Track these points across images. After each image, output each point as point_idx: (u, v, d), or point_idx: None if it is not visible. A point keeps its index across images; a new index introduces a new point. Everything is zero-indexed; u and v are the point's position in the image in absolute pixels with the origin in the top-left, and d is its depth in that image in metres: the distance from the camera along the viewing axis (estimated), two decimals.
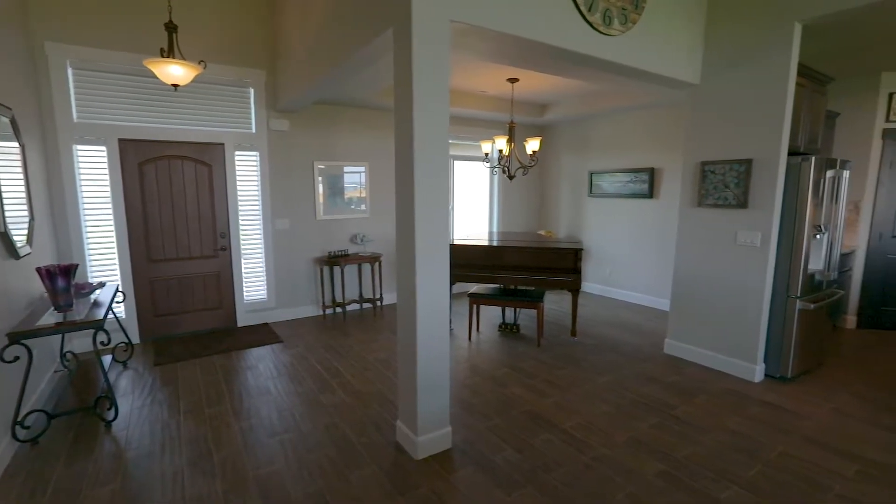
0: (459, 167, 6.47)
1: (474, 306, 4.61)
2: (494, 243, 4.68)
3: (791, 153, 3.43)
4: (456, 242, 4.68)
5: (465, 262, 4.56)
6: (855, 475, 2.39)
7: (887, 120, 4.44)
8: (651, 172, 5.58)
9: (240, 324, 4.87)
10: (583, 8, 2.80)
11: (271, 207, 4.91)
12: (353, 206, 5.49)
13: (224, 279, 4.75)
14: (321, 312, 5.35)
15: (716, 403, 3.16)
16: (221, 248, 4.70)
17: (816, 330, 3.59)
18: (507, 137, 4.73)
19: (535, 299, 4.21)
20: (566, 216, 6.83)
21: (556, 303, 5.93)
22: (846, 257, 4.50)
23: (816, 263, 3.45)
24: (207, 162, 4.52)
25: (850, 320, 4.81)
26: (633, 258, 5.91)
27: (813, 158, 3.23)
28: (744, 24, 3.36)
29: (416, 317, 2.37)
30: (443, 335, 2.49)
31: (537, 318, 4.26)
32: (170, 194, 4.39)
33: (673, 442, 2.69)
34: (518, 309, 5.00)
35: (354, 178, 5.47)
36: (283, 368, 3.78)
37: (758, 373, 3.50)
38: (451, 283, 4.66)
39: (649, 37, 3.21)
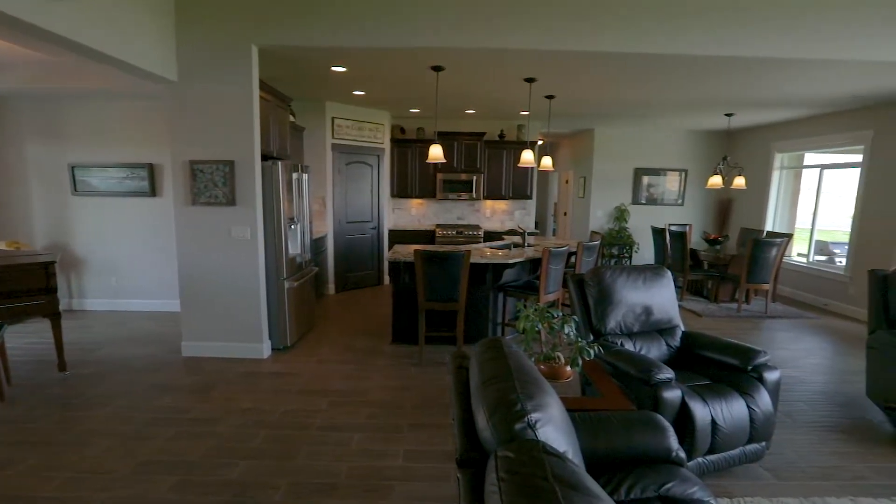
0: None
1: None
2: None
3: (265, 157, 3.99)
4: None
5: None
6: (328, 406, 3.15)
7: (333, 137, 5.97)
8: (150, 168, 5.16)
9: None
10: None
11: None
12: None
13: None
14: None
15: (232, 390, 3.36)
16: None
17: (304, 302, 4.45)
18: None
19: None
20: (43, 222, 5.33)
21: (39, 333, 4.57)
22: (320, 241, 5.78)
23: (295, 249, 4.24)
24: None
25: (331, 287, 6.29)
26: (143, 262, 5.35)
27: (280, 163, 3.90)
28: (214, 34, 3.55)
29: None
30: None
31: None
32: None
33: (189, 446, 2.66)
34: None
35: None
36: None
37: (265, 349, 3.99)
38: None
39: (103, 13, 2.84)
